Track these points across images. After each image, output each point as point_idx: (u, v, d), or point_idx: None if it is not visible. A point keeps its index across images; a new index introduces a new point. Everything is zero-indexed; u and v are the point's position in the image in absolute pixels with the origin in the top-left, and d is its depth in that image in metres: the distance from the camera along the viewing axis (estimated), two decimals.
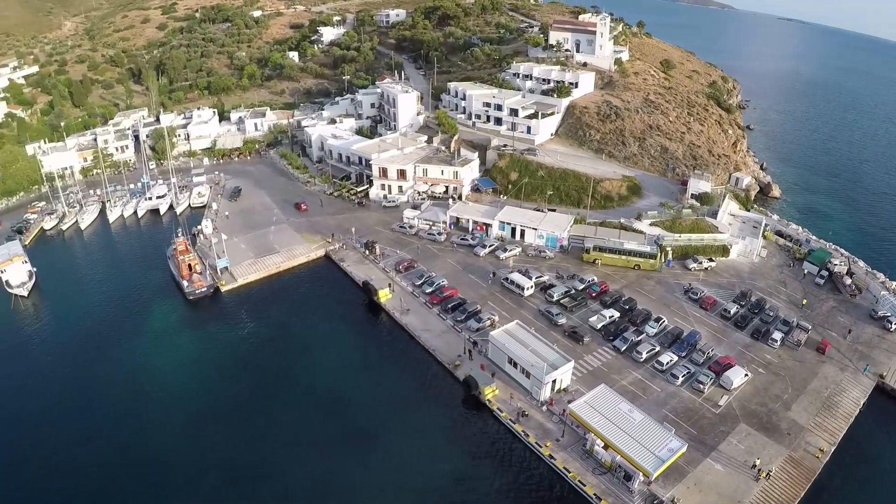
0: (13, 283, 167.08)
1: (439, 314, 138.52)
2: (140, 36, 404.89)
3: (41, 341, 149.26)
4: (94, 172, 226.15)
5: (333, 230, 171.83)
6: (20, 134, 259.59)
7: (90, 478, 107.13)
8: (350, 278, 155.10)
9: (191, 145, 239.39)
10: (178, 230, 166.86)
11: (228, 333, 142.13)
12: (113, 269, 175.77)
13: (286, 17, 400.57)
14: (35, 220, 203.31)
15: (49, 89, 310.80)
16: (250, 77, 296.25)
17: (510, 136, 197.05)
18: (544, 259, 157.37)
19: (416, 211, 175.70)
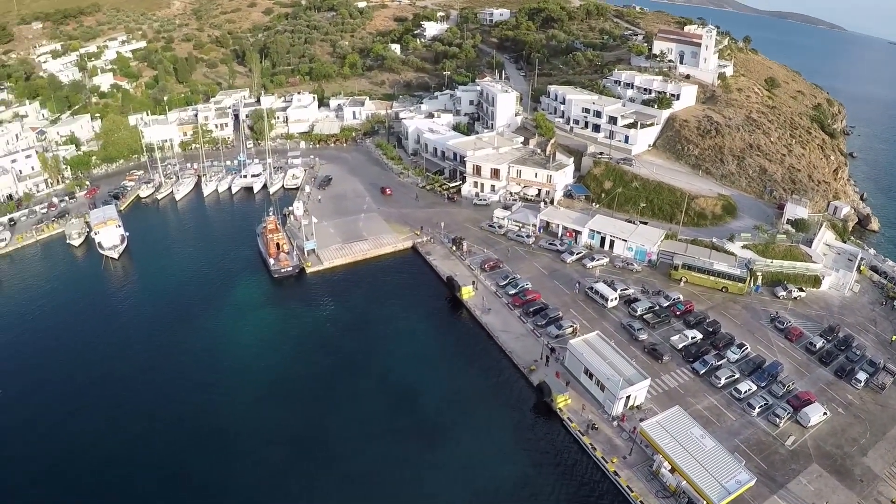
0: (105, 245, 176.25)
1: (520, 317, 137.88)
2: (246, 19, 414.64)
3: (126, 303, 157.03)
4: (193, 147, 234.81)
5: (423, 223, 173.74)
6: (124, 105, 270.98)
7: (160, 441, 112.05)
8: (435, 272, 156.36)
9: (289, 128, 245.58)
10: (270, 209, 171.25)
11: (309, 314, 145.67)
12: (203, 241, 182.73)
13: (390, 10, 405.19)
14: (132, 187, 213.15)
15: (155, 64, 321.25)
16: (352, 66, 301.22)
17: (607, 144, 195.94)
18: (631, 272, 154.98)
19: (506, 211, 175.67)
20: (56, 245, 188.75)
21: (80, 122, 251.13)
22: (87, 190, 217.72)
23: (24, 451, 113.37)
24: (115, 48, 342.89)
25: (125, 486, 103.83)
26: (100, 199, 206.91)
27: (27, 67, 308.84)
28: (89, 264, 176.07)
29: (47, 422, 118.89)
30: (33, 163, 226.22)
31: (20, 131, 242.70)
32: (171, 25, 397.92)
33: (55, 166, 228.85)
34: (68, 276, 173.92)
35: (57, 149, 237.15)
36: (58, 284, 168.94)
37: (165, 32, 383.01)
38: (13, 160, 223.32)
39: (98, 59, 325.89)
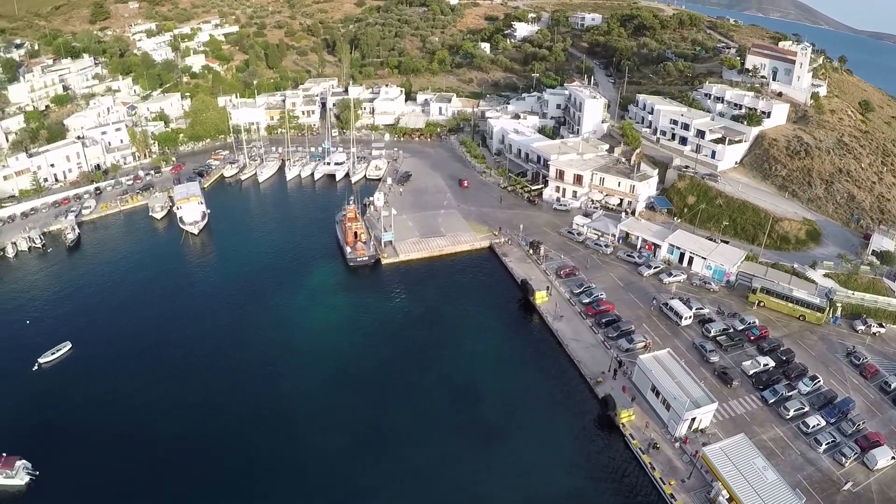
0: (186, 220, 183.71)
1: (592, 327, 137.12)
2: (338, 10, 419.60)
3: (202, 278, 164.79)
4: (279, 131, 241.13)
5: (502, 224, 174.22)
6: (214, 86, 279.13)
7: (221, 413, 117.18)
8: (510, 274, 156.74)
9: (374, 119, 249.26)
10: (351, 198, 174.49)
11: (381, 304, 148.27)
12: (282, 224, 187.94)
13: (482, 9, 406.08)
14: (217, 166, 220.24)
15: (246, 49, 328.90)
16: (441, 62, 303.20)
17: (693, 158, 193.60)
18: (708, 291, 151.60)
19: (586, 219, 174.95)
20: (139, 216, 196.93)
21: (170, 99, 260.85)
22: (173, 166, 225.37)
23: (84, 404, 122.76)
24: (208, 31, 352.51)
25: (177, 450, 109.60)
26: (184, 176, 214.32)
27: (122, 44, 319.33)
28: (169, 237, 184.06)
29: (111, 380, 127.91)
30: (122, 136, 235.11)
31: (112, 105, 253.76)
32: (264, 12, 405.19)
33: (143, 141, 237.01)
34: (148, 246, 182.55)
35: (146, 124, 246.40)
36: (137, 253, 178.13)
37: (258, 18, 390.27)
38: (103, 132, 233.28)
39: (191, 41, 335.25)
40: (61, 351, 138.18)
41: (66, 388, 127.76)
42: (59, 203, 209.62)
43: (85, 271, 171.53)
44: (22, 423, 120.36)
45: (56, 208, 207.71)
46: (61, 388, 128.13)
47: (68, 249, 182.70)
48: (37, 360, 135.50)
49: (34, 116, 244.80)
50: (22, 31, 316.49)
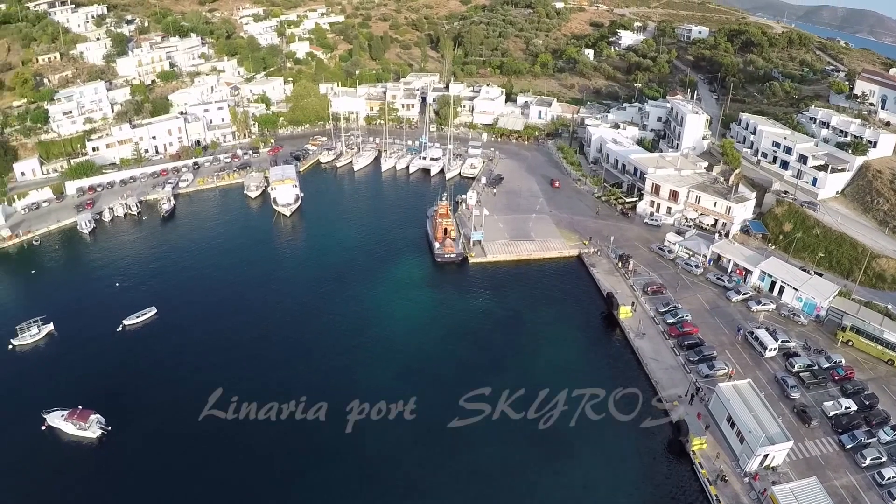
0: (280, 201, 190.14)
1: (673, 348, 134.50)
2: (443, 6, 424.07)
3: (289, 258, 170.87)
4: (377, 122, 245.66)
5: (592, 234, 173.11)
6: (317, 73, 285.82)
7: (289, 396, 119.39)
8: (596, 286, 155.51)
9: (473, 118, 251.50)
10: (444, 194, 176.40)
11: (463, 303, 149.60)
12: (373, 214, 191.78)
13: (587, 14, 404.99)
14: (314, 152, 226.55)
15: (350, 39, 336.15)
16: (543, 65, 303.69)
17: (793, 184, 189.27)
18: (796, 323, 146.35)
19: (678, 237, 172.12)
20: (234, 194, 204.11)
21: (273, 83, 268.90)
22: (271, 147, 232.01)
23: (161, 368, 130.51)
24: (314, 19, 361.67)
25: (241, 424, 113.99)
26: (281, 158, 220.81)
27: (229, 27, 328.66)
28: (261, 217, 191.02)
29: (189, 348, 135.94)
30: (224, 115, 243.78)
31: (216, 84, 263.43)
32: (370, 4, 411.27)
33: (244, 121, 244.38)
34: (240, 223, 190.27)
35: (248, 105, 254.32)
36: (228, 229, 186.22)
37: (364, 10, 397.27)
38: (206, 110, 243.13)
39: (297, 28, 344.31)
40: (146, 315, 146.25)
41: (146, 350, 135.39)
42: (157, 174, 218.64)
43: (176, 242, 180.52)
44: (100, 380, 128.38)
45: (154, 179, 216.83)
46: (142, 350, 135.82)
47: (162, 219, 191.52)
48: (122, 321, 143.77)
49: (140, 90, 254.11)
50: (133, 9, 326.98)
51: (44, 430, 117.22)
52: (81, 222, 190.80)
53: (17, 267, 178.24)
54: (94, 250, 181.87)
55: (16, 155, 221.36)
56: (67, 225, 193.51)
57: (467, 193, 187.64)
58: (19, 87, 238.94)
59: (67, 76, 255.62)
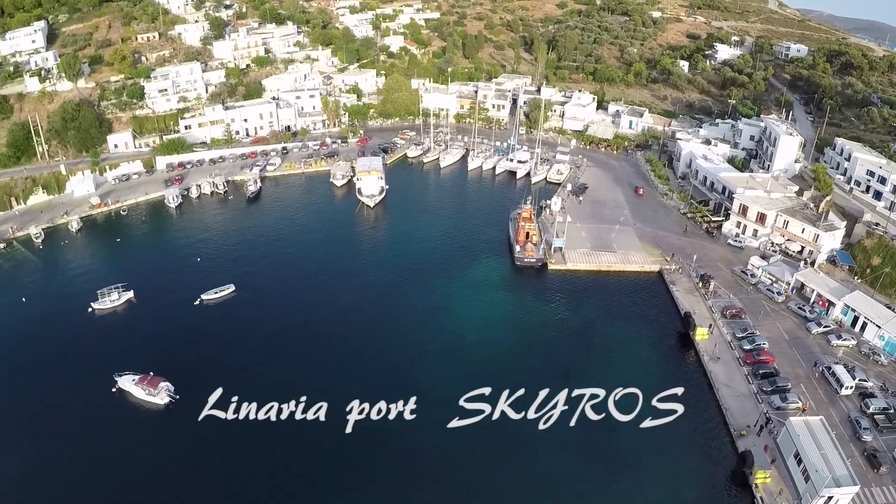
0: (365, 192, 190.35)
1: (747, 375, 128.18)
2: (539, 9, 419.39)
3: (369, 249, 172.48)
4: (467, 121, 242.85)
5: (675, 250, 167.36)
6: (409, 68, 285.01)
7: (354, 383, 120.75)
8: (674, 304, 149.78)
9: (563, 123, 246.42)
10: (528, 198, 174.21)
11: (539, 309, 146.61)
12: (455, 212, 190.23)
13: (684, 25, 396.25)
14: (402, 145, 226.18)
15: (445, 36, 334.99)
16: (636, 75, 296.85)
17: (885, 216, 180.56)
18: (875, 363, 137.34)
19: (762, 262, 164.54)
20: (319, 181, 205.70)
21: (365, 75, 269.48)
22: (360, 138, 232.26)
23: (233, 344, 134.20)
24: (409, 14, 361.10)
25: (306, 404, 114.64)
26: (369, 150, 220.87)
27: (325, 17, 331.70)
28: (345, 206, 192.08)
29: (263, 327, 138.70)
30: (315, 103, 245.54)
31: (309, 73, 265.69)
32: (466, 2, 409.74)
33: (335, 110, 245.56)
34: (323, 210, 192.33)
35: (340, 95, 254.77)
36: (311, 215, 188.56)
37: (460, 8, 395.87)
38: (298, 96, 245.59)
39: (392, 22, 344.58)
40: (224, 292, 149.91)
41: (220, 326, 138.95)
42: (246, 156, 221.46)
43: (259, 223, 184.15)
44: (173, 350, 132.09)
45: (243, 160, 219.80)
46: (216, 325, 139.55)
47: (248, 200, 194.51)
48: (200, 295, 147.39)
49: (234, 73, 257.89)
50: None
51: (114, 391, 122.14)
52: (169, 197, 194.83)
53: (103, 234, 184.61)
54: (179, 225, 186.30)
55: (110, 127, 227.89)
56: (155, 198, 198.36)
57: (552, 199, 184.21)
58: (118, 63, 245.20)
59: (165, 55, 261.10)
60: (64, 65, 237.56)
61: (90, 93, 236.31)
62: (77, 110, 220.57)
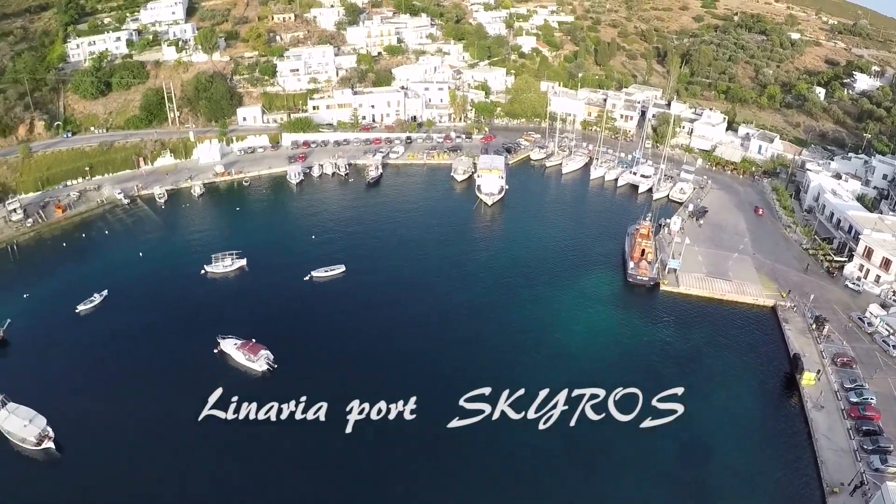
0: (484, 189, 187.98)
1: (850, 430, 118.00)
2: (675, 20, 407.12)
3: (482, 246, 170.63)
4: (593, 129, 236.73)
5: (792, 287, 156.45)
6: (540, 70, 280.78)
7: (444, 376, 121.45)
8: (784, 343, 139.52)
9: (690, 141, 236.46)
10: (648, 215, 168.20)
11: (644, 328, 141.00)
12: (572, 219, 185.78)
13: (823, 50, 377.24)
14: (526, 147, 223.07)
15: (577, 41, 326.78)
16: (770, 97, 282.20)
17: None
18: None
19: (882, 311, 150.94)
20: (440, 173, 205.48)
21: (495, 73, 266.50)
22: (484, 135, 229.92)
23: (335, 321, 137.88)
24: (543, 16, 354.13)
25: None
26: (493, 148, 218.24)
27: (459, 12, 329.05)
28: (463, 201, 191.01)
29: (367, 309, 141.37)
30: (443, 96, 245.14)
31: (439, 66, 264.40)
32: (602, 8, 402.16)
33: (462, 105, 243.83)
34: (441, 203, 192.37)
35: (468, 90, 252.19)
36: (428, 206, 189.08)
37: (594, 13, 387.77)
38: (426, 88, 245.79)
39: (525, 22, 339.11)
40: (334, 271, 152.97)
41: (326, 304, 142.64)
42: (370, 141, 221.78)
43: (376, 208, 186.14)
44: (277, 321, 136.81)
45: (367, 145, 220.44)
46: (322, 303, 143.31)
47: (367, 185, 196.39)
48: (311, 272, 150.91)
49: (366, 59, 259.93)
50: None
51: (216, 352, 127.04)
52: (291, 173, 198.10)
53: (223, 202, 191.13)
54: (298, 201, 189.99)
55: (241, 101, 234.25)
56: (277, 173, 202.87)
57: (671, 218, 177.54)
58: (253, 40, 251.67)
59: (298, 37, 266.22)
60: (201, 37, 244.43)
61: (224, 66, 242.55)
62: (210, 82, 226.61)
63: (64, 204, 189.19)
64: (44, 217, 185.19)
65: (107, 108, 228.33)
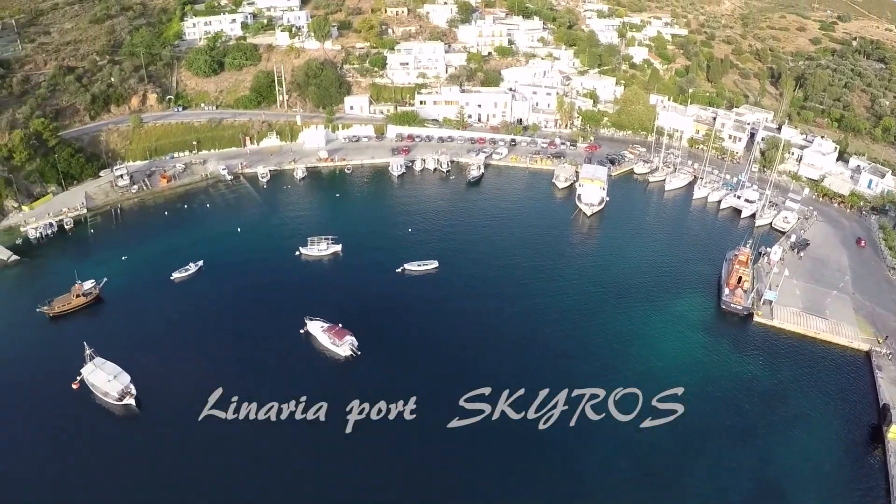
0: (584, 199, 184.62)
1: None
2: (790, 41, 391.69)
3: (576, 256, 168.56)
4: (700, 147, 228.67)
5: (890, 333, 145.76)
6: (650, 82, 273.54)
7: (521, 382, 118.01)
8: (874, 391, 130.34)
9: (799, 169, 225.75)
10: (748, 241, 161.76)
11: (731, 358, 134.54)
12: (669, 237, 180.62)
13: None
14: (630, 160, 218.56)
15: (690, 56, 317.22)
16: (885, 130, 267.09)
17: None
18: None
19: None
20: (541, 179, 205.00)
21: (604, 82, 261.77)
22: (589, 144, 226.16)
23: (425, 313, 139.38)
24: (657, 27, 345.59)
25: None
26: (596, 158, 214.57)
27: (572, 17, 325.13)
28: (562, 209, 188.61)
29: (457, 306, 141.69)
30: (551, 101, 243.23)
31: (549, 70, 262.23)
32: (716, 23, 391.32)
33: (569, 112, 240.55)
34: (539, 209, 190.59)
35: (576, 97, 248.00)
36: (526, 210, 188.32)
37: (709, 28, 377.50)
38: (534, 92, 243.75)
39: (638, 32, 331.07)
40: (427, 266, 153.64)
41: (415, 298, 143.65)
42: (474, 140, 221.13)
43: (475, 207, 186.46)
44: (365, 309, 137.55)
45: (470, 144, 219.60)
46: (411, 296, 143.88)
47: (468, 183, 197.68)
48: (404, 264, 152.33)
49: (475, 59, 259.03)
50: None
51: (302, 332, 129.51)
52: (394, 165, 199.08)
53: (324, 187, 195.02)
54: (398, 193, 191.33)
55: (349, 90, 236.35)
56: (380, 164, 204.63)
57: (772, 247, 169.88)
58: (365, 32, 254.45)
59: (410, 31, 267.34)
60: (314, 25, 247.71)
61: (335, 55, 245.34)
62: (320, 69, 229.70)
63: (169, 174, 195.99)
64: (149, 185, 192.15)
65: (218, 86, 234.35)
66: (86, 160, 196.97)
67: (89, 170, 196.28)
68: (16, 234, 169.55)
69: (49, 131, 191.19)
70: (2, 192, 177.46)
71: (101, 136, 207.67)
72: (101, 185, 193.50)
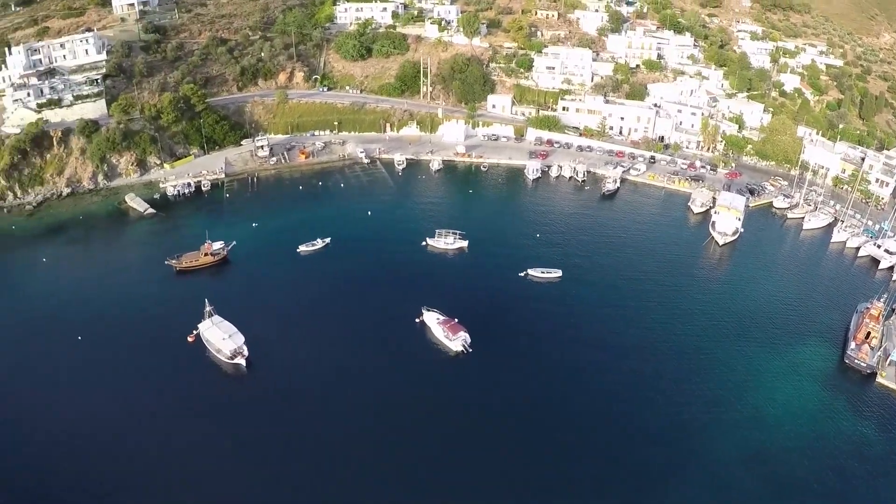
0: (718, 227, 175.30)
1: None
2: None
3: (700, 290, 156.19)
4: (844, 188, 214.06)
5: None
6: (799, 113, 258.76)
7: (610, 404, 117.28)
8: None
9: None
10: (884, 295, 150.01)
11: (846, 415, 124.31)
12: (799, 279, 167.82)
13: None
14: (770, 192, 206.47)
15: (843, 89, 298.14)
16: None
17: None
18: None
19: None
20: (676, 201, 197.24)
21: (752, 107, 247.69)
22: (730, 171, 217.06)
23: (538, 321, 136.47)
24: (811, 55, 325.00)
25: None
26: (736, 186, 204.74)
27: (724, 37, 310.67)
28: (694, 235, 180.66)
29: (581, 315, 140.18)
30: (695, 122, 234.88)
31: (696, 89, 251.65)
32: (874, 56, 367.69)
33: (713, 135, 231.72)
34: (670, 232, 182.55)
35: (721, 121, 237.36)
36: (656, 233, 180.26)
37: (866, 61, 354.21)
38: (679, 110, 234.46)
39: (791, 59, 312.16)
40: (551, 274, 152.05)
41: (535, 303, 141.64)
42: (613, 153, 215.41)
43: (607, 221, 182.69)
44: (483, 308, 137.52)
45: (609, 156, 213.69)
46: (532, 301, 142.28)
47: (602, 196, 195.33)
48: (527, 269, 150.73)
49: (622, 70, 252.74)
50: None
51: (417, 322, 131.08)
52: (530, 169, 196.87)
53: (458, 181, 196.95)
54: (531, 197, 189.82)
55: (493, 88, 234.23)
56: (516, 166, 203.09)
57: None
58: (514, 32, 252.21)
59: (559, 35, 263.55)
60: (464, 21, 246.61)
61: (482, 52, 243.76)
62: (466, 64, 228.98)
63: (308, 151, 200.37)
64: (287, 159, 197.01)
65: (364, 71, 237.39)
66: (229, 128, 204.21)
67: (232, 137, 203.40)
68: (155, 189, 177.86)
69: (197, 97, 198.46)
70: (147, 148, 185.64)
71: (246, 106, 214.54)
72: (242, 153, 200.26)
